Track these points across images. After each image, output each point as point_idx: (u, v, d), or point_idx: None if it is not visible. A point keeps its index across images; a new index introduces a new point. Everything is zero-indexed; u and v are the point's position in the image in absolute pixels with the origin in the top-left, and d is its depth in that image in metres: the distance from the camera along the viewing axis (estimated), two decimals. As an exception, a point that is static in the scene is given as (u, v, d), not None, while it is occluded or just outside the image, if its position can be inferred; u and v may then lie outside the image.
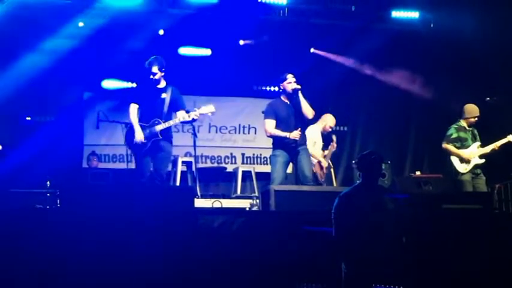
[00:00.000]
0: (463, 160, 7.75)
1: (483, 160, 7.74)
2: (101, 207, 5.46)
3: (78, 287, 5.08)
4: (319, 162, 8.27)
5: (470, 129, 7.90)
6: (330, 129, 8.53)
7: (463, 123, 7.91)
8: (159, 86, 7.20)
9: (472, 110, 7.86)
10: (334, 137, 8.51)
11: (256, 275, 5.35)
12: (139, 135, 7.05)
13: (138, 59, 7.77)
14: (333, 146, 8.48)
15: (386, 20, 10.02)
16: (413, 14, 9.94)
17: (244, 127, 10.91)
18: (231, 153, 10.84)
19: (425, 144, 10.80)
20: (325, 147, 8.51)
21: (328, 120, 8.51)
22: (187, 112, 7.16)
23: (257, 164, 10.75)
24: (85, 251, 5.13)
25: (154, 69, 7.11)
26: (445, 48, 9.84)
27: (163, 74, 7.17)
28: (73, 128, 10.08)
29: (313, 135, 8.31)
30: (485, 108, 7.94)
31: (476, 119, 7.85)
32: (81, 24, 9.20)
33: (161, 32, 9.72)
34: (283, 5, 9.62)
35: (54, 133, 9.51)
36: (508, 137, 7.76)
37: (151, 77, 7.14)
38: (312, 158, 8.20)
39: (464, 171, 7.72)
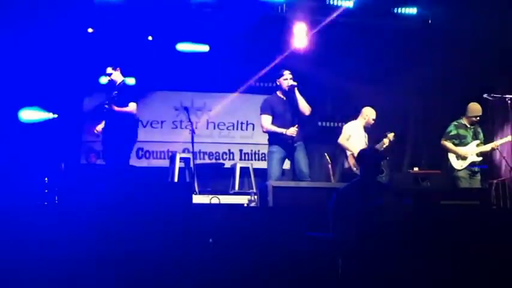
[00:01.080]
0: (459, 157, 7.76)
1: (480, 158, 7.75)
2: (99, 203, 5.46)
3: (76, 284, 5.09)
4: (353, 154, 8.25)
5: (472, 127, 7.90)
6: (373, 122, 8.39)
7: (464, 121, 7.91)
8: (116, 86, 7.27)
9: (474, 109, 7.84)
10: (390, 135, 8.33)
11: (254, 270, 5.36)
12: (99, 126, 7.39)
13: (136, 56, 7.76)
14: (383, 142, 8.29)
15: (385, 16, 9.99)
16: (411, 10, 9.93)
17: (242, 123, 10.91)
18: (229, 150, 10.84)
19: (423, 141, 10.79)
20: (371, 142, 8.42)
21: (369, 113, 8.39)
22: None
23: (255, 160, 10.75)
24: (83, 247, 5.14)
25: (109, 70, 7.17)
26: (442, 44, 9.83)
27: (118, 71, 7.22)
28: (71, 124, 10.06)
29: (350, 130, 8.33)
30: (483, 105, 7.93)
31: (478, 118, 7.84)
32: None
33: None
34: (281, 1, 9.60)
35: (52, 129, 9.49)
36: (508, 137, 7.76)
37: (108, 78, 7.20)
38: (346, 151, 8.20)
39: (460, 168, 7.73)
